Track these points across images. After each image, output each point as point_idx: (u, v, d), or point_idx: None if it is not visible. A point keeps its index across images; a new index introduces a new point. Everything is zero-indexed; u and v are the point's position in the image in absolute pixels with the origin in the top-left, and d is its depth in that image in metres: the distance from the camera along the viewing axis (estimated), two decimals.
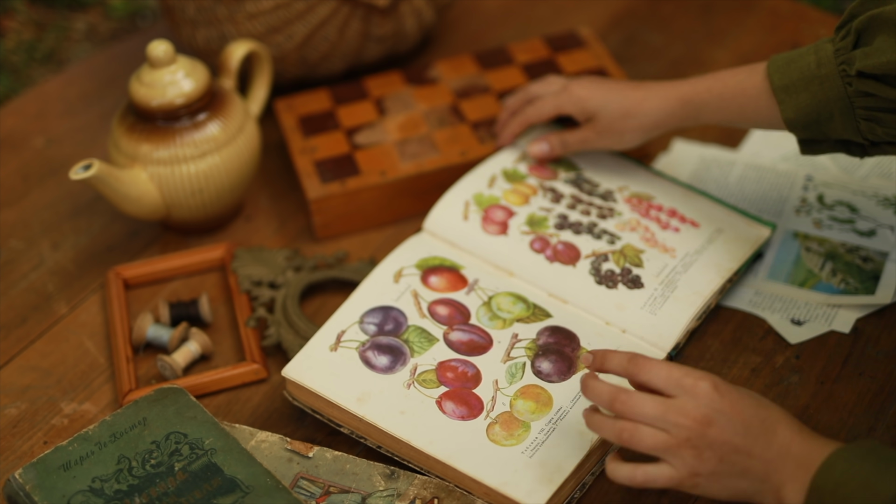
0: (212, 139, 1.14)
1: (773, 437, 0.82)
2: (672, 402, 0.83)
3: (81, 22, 1.79)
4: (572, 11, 1.48)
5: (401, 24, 1.30)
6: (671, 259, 1.08)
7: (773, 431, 0.82)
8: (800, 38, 1.41)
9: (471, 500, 0.92)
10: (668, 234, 1.10)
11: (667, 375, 0.84)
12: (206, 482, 0.90)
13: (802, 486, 0.80)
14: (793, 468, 0.81)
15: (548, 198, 1.13)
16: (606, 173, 1.17)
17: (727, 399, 0.82)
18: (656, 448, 0.83)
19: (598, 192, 1.14)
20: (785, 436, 0.82)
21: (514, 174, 1.16)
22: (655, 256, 1.08)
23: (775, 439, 0.82)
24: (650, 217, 1.12)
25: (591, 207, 1.12)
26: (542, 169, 1.16)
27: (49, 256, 1.21)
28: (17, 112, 1.40)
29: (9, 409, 1.05)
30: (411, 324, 1.03)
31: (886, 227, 1.13)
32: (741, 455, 0.81)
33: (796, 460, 0.81)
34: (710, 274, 1.06)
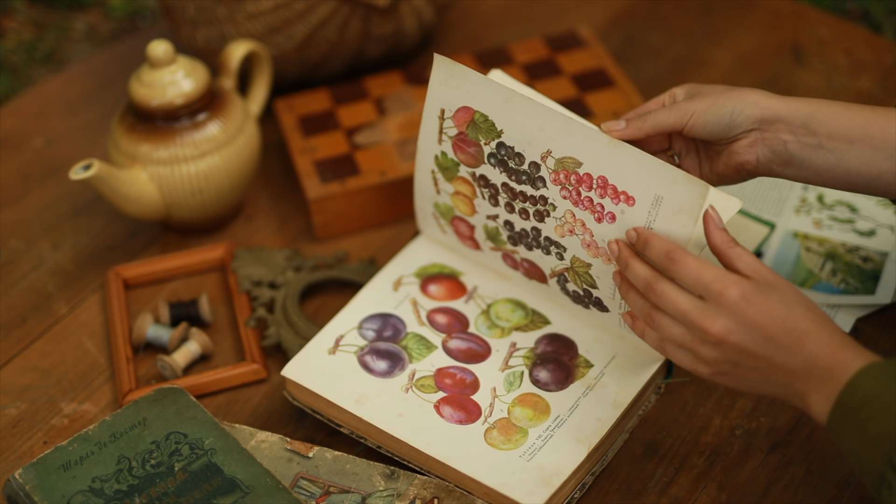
0: (212, 139, 1.14)
1: (798, 349, 0.81)
2: (699, 304, 0.84)
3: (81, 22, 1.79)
4: (572, 11, 1.48)
5: (401, 23, 1.30)
6: None
7: (800, 343, 0.81)
8: (800, 39, 1.41)
9: (471, 500, 0.92)
10: (604, 227, 0.94)
11: (697, 277, 0.84)
12: (206, 482, 0.90)
13: (828, 397, 0.80)
14: (818, 380, 0.81)
15: (486, 197, 1.01)
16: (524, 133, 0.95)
17: (754, 308, 0.82)
18: (673, 341, 0.86)
19: (524, 169, 0.96)
20: (812, 348, 0.81)
21: (445, 162, 1.01)
22: (604, 271, 0.95)
23: (801, 351, 0.81)
24: (582, 205, 0.94)
25: (527, 204, 0.98)
26: (464, 146, 0.99)
27: (49, 256, 1.21)
28: (17, 112, 1.40)
29: (9, 409, 1.05)
30: (410, 331, 1.03)
31: (886, 227, 1.13)
32: (760, 362, 0.82)
33: (822, 372, 0.81)
34: None
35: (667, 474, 0.96)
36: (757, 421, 1.00)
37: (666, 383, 1.02)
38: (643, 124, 0.96)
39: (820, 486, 0.95)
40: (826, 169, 0.93)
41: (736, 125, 0.94)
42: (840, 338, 0.82)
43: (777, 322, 0.82)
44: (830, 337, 0.82)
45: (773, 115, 0.93)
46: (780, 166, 0.94)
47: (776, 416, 1.00)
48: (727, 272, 0.84)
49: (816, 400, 0.81)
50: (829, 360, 0.81)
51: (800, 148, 0.93)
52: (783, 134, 0.93)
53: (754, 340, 0.82)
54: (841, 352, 0.81)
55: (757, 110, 0.93)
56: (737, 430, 0.99)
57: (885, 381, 0.78)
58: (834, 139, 0.92)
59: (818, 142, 0.92)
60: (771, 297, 0.83)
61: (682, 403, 1.01)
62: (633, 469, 0.97)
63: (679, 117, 0.95)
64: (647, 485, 0.96)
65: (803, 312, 0.82)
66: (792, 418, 0.99)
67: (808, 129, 0.92)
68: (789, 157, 0.94)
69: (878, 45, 1.39)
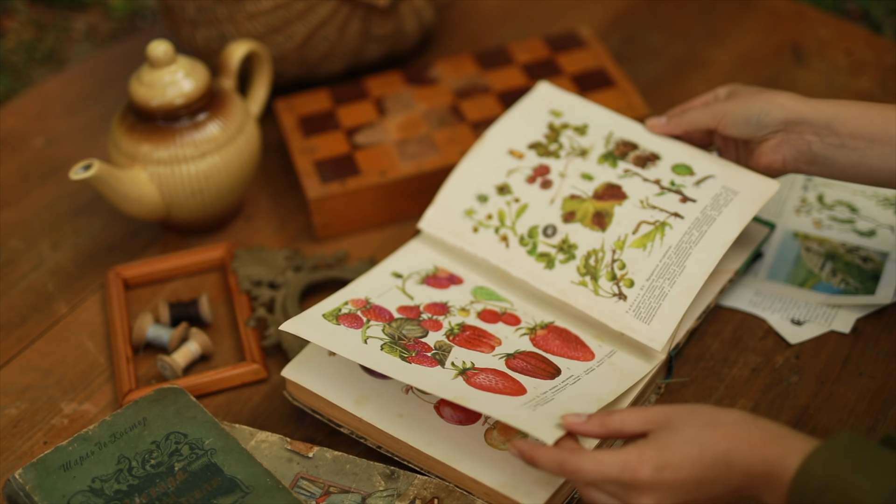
0: (212, 139, 1.14)
1: (730, 473, 0.79)
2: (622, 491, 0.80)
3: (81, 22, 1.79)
4: (572, 11, 1.48)
5: (401, 24, 1.30)
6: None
7: (729, 467, 0.79)
8: (800, 39, 1.41)
9: (471, 500, 0.92)
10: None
11: (602, 476, 0.81)
12: (206, 482, 0.90)
13: (779, 493, 0.78)
14: (762, 484, 0.79)
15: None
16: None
17: (669, 471, 0.79)
18: None
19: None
20: (741, 464, 0.79)
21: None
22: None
23: (733, 472, 0.79)
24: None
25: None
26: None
27: (49, 256, 1.21)
28: (17, 112, 1.40)
29: (9, 409, 1.05)
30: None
31: (886, 227, 1.13)
32: (702, 501, 0.80)
33: (762, 479, 0.78)
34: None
35: None
36: None
37: (666, 383, 1.02)
38: (680, 121, 1.07)
39: None
40: (849, 166, 0.98)
41: (763, 125, 1.01)
42: (763, 435, 0.79)
43: (696, 464, 0.79)
44: (751, 444, 0.79)
45: (797, 116, 0.99)
46: (806, 164, 1.01)
47: (776, 417, 1.00)
48: (625, 452, 0.81)
49: (769, 499, 0.79)
50: (761, 466, 0.78)
51: (823, 147, 0.99)
52: (807, 135, 0.99)
53: (687, 492, 0.80)
54: (770, 451, 0.78)
55: (782, 112, 1.00)
56: None
57: (836, 467, 0.75)
58: (856, 138, 0.97)
59: (841, 141, 0.98)
60: (675, 443, 0.80)
61: (682, 403, 1.01)
62: None
63: (712, 116, 1.04)
64: None
65: (711, 436, 0.80)
66: (792, 418, 0.99)
67: (830, 129, 0.98)
68: (814, 157, 1.00)
69: (878, 45, 1.39)
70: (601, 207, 1.05)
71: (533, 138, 1.12)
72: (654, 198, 1.05)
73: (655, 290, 1.00)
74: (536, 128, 1.12)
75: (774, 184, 1.04)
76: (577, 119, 1.13)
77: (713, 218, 1.02)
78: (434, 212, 1.10)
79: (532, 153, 1.10)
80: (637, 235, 1.03)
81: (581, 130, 1.11)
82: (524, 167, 1.10)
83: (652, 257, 1.01)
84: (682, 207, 1.04)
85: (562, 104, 1.14)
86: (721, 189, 1.04)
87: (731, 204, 1.03)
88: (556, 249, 1.04)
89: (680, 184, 1.05)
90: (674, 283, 1.00)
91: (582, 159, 1.09)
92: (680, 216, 1.03)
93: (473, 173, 1.11)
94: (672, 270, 1.01)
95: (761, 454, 0.79)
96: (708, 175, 1.05)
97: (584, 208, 1.06)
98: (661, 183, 1.05)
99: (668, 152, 1.08)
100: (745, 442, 0.79)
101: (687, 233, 1.02)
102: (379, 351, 0.96)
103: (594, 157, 1.09)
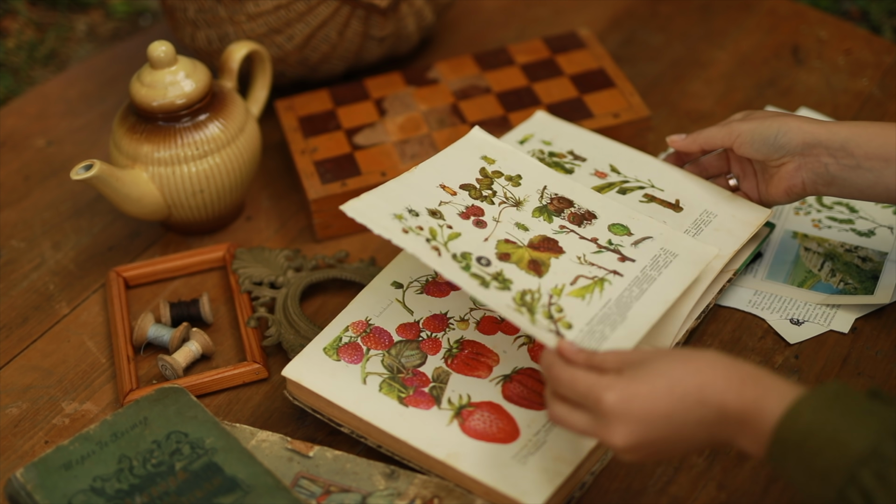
0: (213, 139, 1.15)
1: (703, 407, 0.79)
2: (591, 421, 0.83)
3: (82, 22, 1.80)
4: (572, 12, 1.48)
5: (401, 24, 1.30)
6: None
7: (702, 402, 0.79)
8: (799, 39, 1.41)
9: (471, 499, 0.92)
10: None
11: (572, 388, 0.83)
12: (206, 481, 0.90)
13: (755, 436, 0.78)
14: (736, 426, 0.79)
15: None
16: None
17: (637, 402, 0.80)
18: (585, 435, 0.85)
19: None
20: (716, 399, 0.79)
21: None
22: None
23: (706, 407, 0.79)
24: None
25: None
26: None
27: (50, 256, 1.21)
28: (18, 112, 1.40)
29: (10, 409, 1.06)
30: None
31: (885, 227, 1.14)
32: (675, 437, 0.81)
33: (737, 417, 0.79)
34: None
35: (666, 474, 0.96)
36: None
37: None
38: (697, 138, 1.08)
39: None
40: (867, 186, 1.00)
41: (780, 146, 1.02)
42: (741, 374, 0.80)
43: (665, 396, 0.80)
44: (728, 380, 0.79)
45: (813, 139, 1.00)
46: (825, 186, 1.02)
47: None
48: (597, 377, 0.82)
49: (744, 443, 0.79)
50: (737, 404, 0.79)
51: (839, 169, 1.00)
52: (823, 157, 1.01)
53: (657, 427, 0.80)
54: (747, 390, 0.79)
55: (799, 135, 1.01)
56: None
57: (825, 412, 0.76)
58: (871, 159, 0.99)
59: (856, 162, 0.99)
60: (644, 377, 0.81)
61: None
62: (632, 468, 0.97)
63: (728, 134, 1.05)
64: (647, 484, 0.96)
65: (683, 370, 0.81)
66: None
67: (846, 150, 0.99)
68: (831, 179, 1.01)
69: (877, 46, 1.39)
70: (537, 257, 0.99)
71: (465, 179, 1.05)
72: (591, 255, 1.00)
73: (595, 334, 0.93)
74: (468, 171, 1.06)
75: (713, 249, 1.02)
76: (511, 169, 1.07)
77: (653, 277, 0.99)
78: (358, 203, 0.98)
79: (465, 193, 1.03)
80: (575, 287, 0.97)
81: (515, 181, 1.06)
82: (457, 203, 1.02)
83: (591, 307, 0.95)
84: (621, 266, 0.99)
85: (494, 152, 1.08)
86: (659, 251, 1.01)
87: (671, 265, 1.00)
88: (490, 277, 0.95)
89: (618, 243, 1.02)
90: (615, 329, 0.94)
91: (516, 209, 1.03)
92: (619, 274, 0.99)
93: (404, 193, 1.01)
94: (613, 319, 0.95)
95: (737, 392, 0.79)
96: (646, 236, 1.03)
97: (519, 254, 0.99)
98: (599, 241, 1.02)
99: (605, 212, 1.05)
100: (721, 378, 0.80)
101: (627, 289, 0.97)
102: (377, 393, 0.97)
103: (529, 209, 1.04)
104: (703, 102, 1.34)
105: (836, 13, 1.65)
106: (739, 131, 1.04)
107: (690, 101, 1.34)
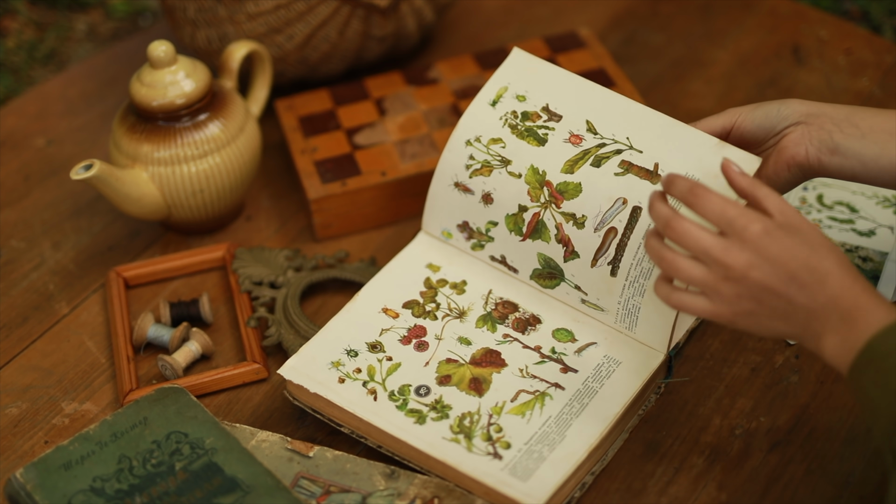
0: (213, 139, 1.15)
1: (820, 288, 0.81)
2: (720, 240, 0.83)
3: (82, 22, 1.80)
4: (572, 12, 1.48)
5: (401, 24, 1.30)
6: None
7: (822, 283, 0.81)
8: (800, 39, 1.41)
9: (471, 499, 0.92)
10: None
11: (720, 211, 0.83)
12: (206, 482, 0.90)
13: (845, 340, 0.80)
14: (836, 321, 0.81)
15: None
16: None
17: (777, 245, 0.82)
18: (693, 281, 0.84)
19: None
20: (835, 289, 0.81)
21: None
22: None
23: (823, 290, 0.81)
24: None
25: None
26: None
27: (50, 256, 1.21)
28: (18, 112, 1.40)
29: (10, 409, 1.06)
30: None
31: (886, 227, 1.14)
32: (782, 300, 0.82)
33: (842, 314, 0.80)
34: None
35: (666, 474, 0.96)
36: (756, 421, 1.00)
37: (666, 383, 1.02)
38: (695, 127, 1.03)
39: (820, 485, 0.95)
40: (871, 159, 0.97)
41: (784, 117, 0.99)
42: (863, 283, 0.82)
43: (800, 260, 0.82)
44: (854, 281, 0.82)
45: (817, 109, 0.99)
46: (828, 155, 0.98)
47: (776, 416, 1.00)
48: (751, 209, 0.84)
49: (832, 342, 0.81)
50: (850, 303, 0.81)
51: (844, 137, 0.98)
52: (828, 125, 0.98)
53: (777, 276, 0.82)
54: (864, 297, 0.81)
55: (801, 106, 0.99)
56: (736, 430, 0.99)
57: None
58: (876, 132, 0.97)
59: (861, 133, 0.97)
60: (794, 235, 0.83)
61: (681, 403, 1.02)
62: (633, 469, 0.97)
63: (728, 118, 1.02)
64: (647, 484, 0.96)
65: (826, 254, 0.82)
66: (792, 418, 0.99)
67: (850, 122, 0.98)
68: (835, 146, 0.98)
69: (877, 46, 1.39)
70: (479, 374, 0.99)
71: (409, 296, 1.05)
72: (533, 366, 0.99)
73: (534, 454, 0.93)
74: (413, 284, 1.06)
75: (658, 354, 0.99)
76: (456, 275, 1.07)
77: (595, 390, 0.97)
78: (297, 361, 1.00)
79: (407, 313, 1.04)
80: (515, 403, 0.97)
81: (459, 288, 1.06)
82: (398, 327, 1.03)
83: (531, 425, 0.95)
84: (563, 378, 0.99)
85: (441, 257, 1.08)
86: (603, 359, 1.00)
87: (614, 375, 0.98)
88: (427, 408, 0.97)
89: (561, 351, 1.01)
90: (553, 449, 0.93)
91: (459, 321, 1.03)
92: (561, 387, 0.98)
93: (345, 331, 1.03)
94: (552, 438, 0.94)
95: (854, 293, 0.81)
96: (590, 342, 1.01)
97: (460, 373, 0.99)
98: (542, 350, 1.01)
99: (550, 315, 1.03)
100: (849, 278, 0.82)
101: (568, 404, 0.96)
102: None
103: (473, 319, 1.03)
104: (704, 102, 1.34)
105: (837, 13, 1.65)
106: (739, 111, 1.02)
107: (691, 100, 1.34)
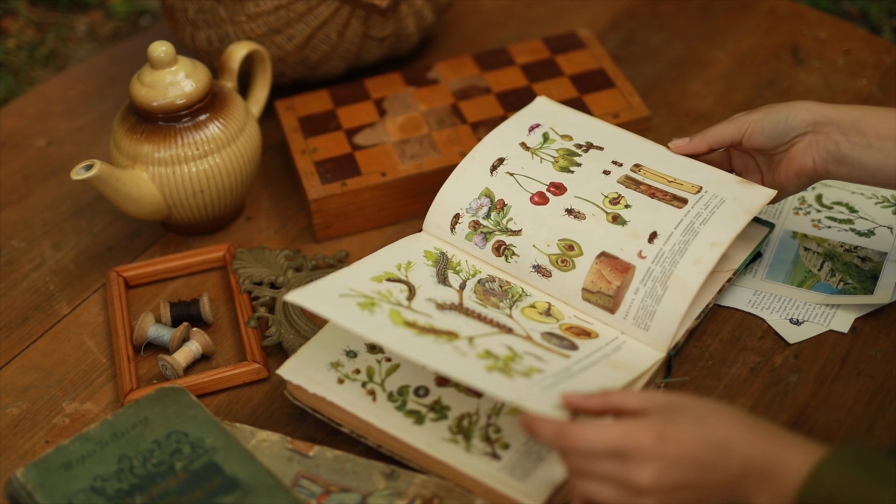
0: (213, 140, 1.15)
1: (729, 459, 0.79)
2: (619, 463, 0.80)
3: (82, 23, 1.80)
4: (572, 12, 1.48)
5: (401, 24, 1.30)
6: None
7: (728, 453, 0.79)
8: (799, 39, 1.41)
9: (470, 499, 0.92)
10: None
11: (602, 442, 0.80)
12: (206, 481, 0.91)
13: (774, 494, 0.78)
14: (758, 480, 0.79)
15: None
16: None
17: (670, 443, 0.79)
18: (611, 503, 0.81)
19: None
20: (741, 452, 0.79)
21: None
22: None
23: (732, 459, 0.79)
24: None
25: None
26: None
27: (50, 256, 1.21)
28: (18, 112, 1.40)
29: (10, 409, 1.06)
30: None
31: (885, 227, 1.14)
32: (700, 487, 0.80)
33: (760, 473, 0.78)
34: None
35: None
36: None
37: (665, 383, 1.02)
38: (704, 137, 1.06)
39: None
40: (876, 167, 0.99)
41: (792, 128, 1.01)
42: (765, 432, 0.80)
43: (696, 443, 0.79)
44: (755, 435, 0.79)
45: (824, 117, 1.00)
46: (835, 165, 1.00)
47: (775, 416, 1.00)
48: (628, 422, 0.81)
49: (763, 500, 0.79)
50: (763, 460, 0.78)
51: (850, 148, 0.99)
52: (834, 135, 1.00)
53: (685, 472, 0.79)
54: (771, 448, 0.79)
55: (809, 114, 1.00)
56: None
57: (848, 473, 0.76)
58: (882, 139, 0.98)
59: (867, 141, 0.99)
60: (679, 421, 0.80)
61: None
62: None
63: (737, 128, 1.04)
64: None
65: (716, 420, 0.80)
66: (791, 418, 1.00)
67: (857, 129, 0.99)
68: (842, 157, 1.00)
69: (876, 46, 1.39)
70: None
71: None
72: None
73: (532, 455, 0.93)
74: None
75: (657, 354, 0.99)
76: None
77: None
78: (296, 361, 1.00)
79: None
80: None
81: None
82: None
83: None
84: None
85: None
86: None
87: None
88: (426, 408, 0.97)
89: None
90: (551, 450, 0.93)
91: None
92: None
93: (344, 332, 1.01)
94: None
95: (762, 447, 0.79)
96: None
97: None
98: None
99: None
100: (748, 432, 0.80)
101: None
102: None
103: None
104: (703, 102, 1.34)
105: (836, 13, 1.65)
106: (749, 121, 1.03)
107: (690, 101, 1.34)
